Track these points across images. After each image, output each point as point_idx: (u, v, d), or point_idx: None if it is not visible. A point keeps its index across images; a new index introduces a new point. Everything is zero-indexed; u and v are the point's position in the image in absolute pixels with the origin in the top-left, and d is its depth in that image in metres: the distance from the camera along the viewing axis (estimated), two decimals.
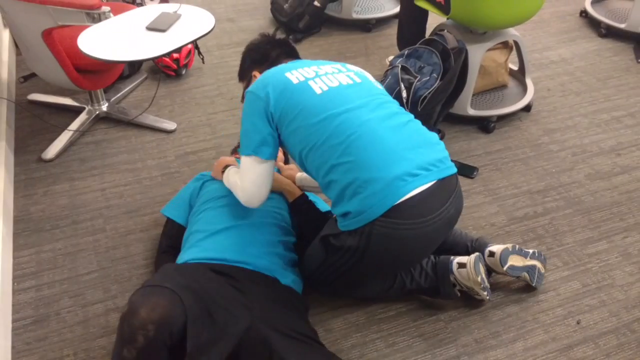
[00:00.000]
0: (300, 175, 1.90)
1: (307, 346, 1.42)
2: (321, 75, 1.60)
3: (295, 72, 1.60)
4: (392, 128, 1.52)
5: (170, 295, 1.27)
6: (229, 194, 1.76)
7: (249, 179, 1.60)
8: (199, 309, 1.32)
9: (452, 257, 1.71)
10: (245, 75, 1.82)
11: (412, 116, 1.61)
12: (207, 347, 1.29)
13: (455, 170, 1.56)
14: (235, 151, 2.16)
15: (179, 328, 1.25)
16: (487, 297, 1.71)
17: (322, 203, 1.94)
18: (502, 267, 1.71)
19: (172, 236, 1.85)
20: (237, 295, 1.46)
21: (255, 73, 1.76)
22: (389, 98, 1.63)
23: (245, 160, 1.60)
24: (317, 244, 1.61)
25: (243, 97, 1.78)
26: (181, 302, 1.27)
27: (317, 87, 1.56)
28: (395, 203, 1.43)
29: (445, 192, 1.51)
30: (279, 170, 1.93)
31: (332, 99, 1.53)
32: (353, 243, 1.49)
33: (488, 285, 1.71)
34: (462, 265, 1.67)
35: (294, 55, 1.81)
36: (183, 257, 1.63)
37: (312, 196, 1.91)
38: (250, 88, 1.60)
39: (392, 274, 1.71)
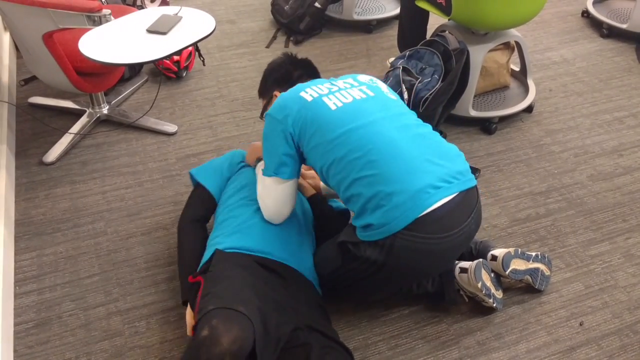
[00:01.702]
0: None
1: (342, 355, 1.44)
2: (334, 92, 1.61)
3: (309, 90, 1.61)
4: (411, 139, 1.52)
5: (247, 323, 1.28)
6: None
7: (271, 198, 1.63)
8: (262, 326, 1.34)
9: (456, 262, 1.70)
10: (266, 94, 1.85)
11: (430, 127, 1.61)
12: (259, 354, 1.31)
13: (475, 182, 1.55)
14: None
15: (248, 353, 1.27)
16: (494, 305, 1.71)
17: (337, 202, 1.97)
18: (505, 271, 1.71)
19: (200, 205, 1.82)
20: (286, 296, 1.48)
21: (276, 92, 1.78)
22: (406, 109, 1.64)
23: (267, 181, 1.63)
24: (333, 249, 1.61)
25: (262, 115, 1.82)
26: (253, 330, 1.28)
27: (332, 103, 1.57)
28: (419, 216, 1.43)
29: (467, 207, 1.51)
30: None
31: (347, 114, 1.54)
32: (373, 254, 1.48)
33: (494, 292, 1.70)
34: (463, 270, 1.67)
35: (315, 76, 1.84)
36: (226, 241, 1.60)
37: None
38: (269, 111, 1.62)
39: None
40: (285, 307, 1.45)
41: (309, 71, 1.83)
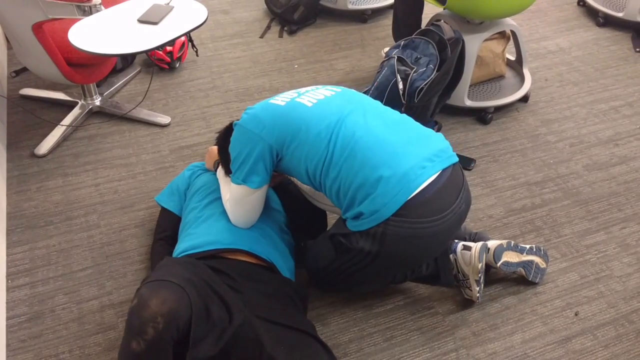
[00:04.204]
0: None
1: (301, 344, 1.41)
2: (304, 93, 1.61)
3: (278, 98, 1.60)
4: (387, 126, 1.53)
5: (178, 289, 1.28)
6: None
7: (238, 206, 1.62)
8: (201, 304, 1.32)
9: (456, 240, 1.70)
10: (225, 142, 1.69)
11: (399, 112, 1.62)
12: (197, 341, 1.29)
13: (457, 158, 1.55)
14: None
15: (185, 322, 1.26)
16: (478, 296, 1.68)
17: None
18: (496, 263, 1.71)
19: (167, 225, 1.87)
20: (232, 292, 1.45)
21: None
22: (373, 99, 1.65)
23: (236, 189, 1.60)
24: (325, 243, 1.59)
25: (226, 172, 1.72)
26: (188, 297, 1.28)
27: (306, 101, 1.56)
28: (408, 198, 1.43)
29: (455, 187, 1.51)
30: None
31: (324, 109, 1.54)
32: (366, 245, 1.47)
33: (482, 283, 1.69)
34: (467, 248, 1.65)
35: None
36: (179, 247, 1.63)
37: None
38: (240, 122, 1.58)
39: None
40: (231, 303, 1.41)
41: None
